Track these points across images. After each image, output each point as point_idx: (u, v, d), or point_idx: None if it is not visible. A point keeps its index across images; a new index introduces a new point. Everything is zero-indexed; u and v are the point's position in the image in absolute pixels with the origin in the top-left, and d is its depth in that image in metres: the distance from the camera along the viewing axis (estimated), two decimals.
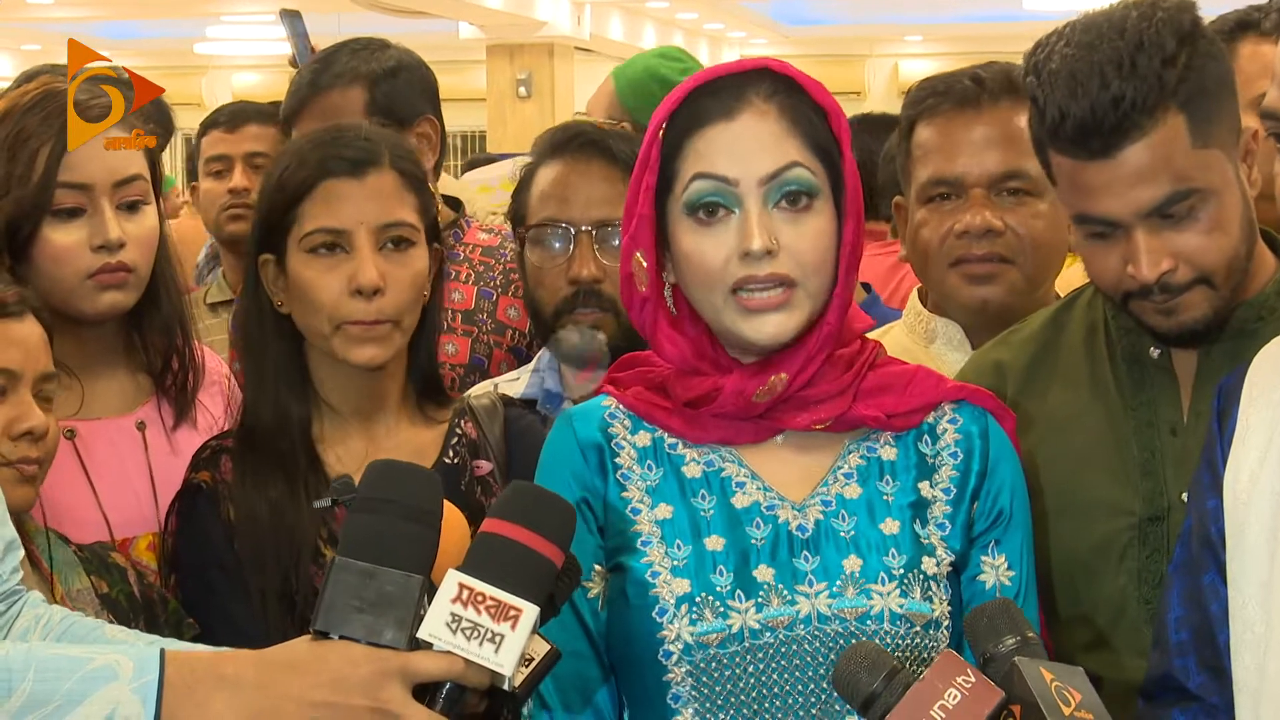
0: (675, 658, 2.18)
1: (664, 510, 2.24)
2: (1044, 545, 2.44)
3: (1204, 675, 2.16)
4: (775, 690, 2.17)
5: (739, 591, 2.19)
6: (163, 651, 1.91)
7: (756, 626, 2.17)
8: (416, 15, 16.20)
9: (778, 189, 2.18)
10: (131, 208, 2.77)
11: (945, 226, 2.89)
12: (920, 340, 3.01)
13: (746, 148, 2.18)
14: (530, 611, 1.93)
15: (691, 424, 2.26)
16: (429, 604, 1.93)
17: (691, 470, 2.26)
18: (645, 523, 2.23)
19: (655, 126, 2.25)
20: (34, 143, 2.69)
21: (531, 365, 3.15)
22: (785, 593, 2.19)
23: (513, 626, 1.92)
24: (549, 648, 2.04)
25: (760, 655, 2.17)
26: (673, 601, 2.19)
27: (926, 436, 2.28)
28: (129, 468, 2.76)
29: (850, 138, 2.24)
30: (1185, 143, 2.29)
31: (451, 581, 1.93)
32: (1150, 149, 2.28)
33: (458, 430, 2.74)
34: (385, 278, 2.61)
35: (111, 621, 2.31)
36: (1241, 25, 3.22)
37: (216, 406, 2.91)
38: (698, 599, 2.18)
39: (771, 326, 2.19)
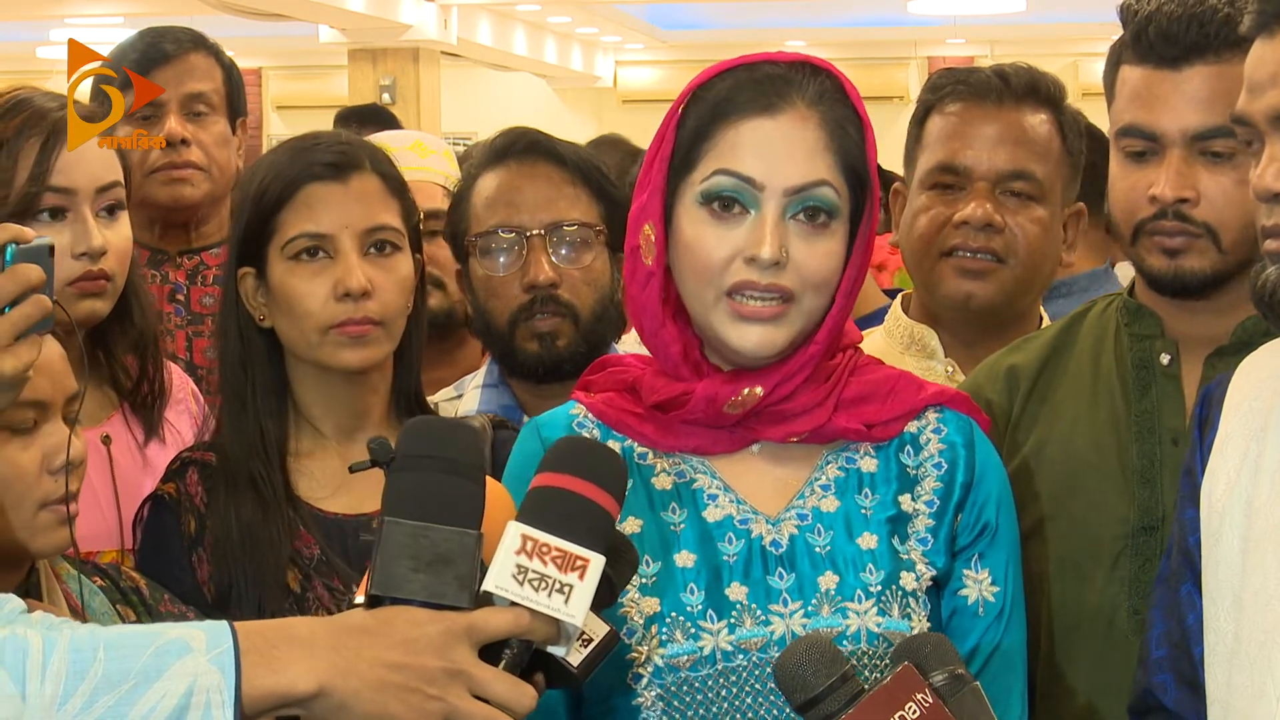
0: (645, 681, 2.14)
1: (632, 524, 2.19)
2: (1039, 549, 2.47)
3: (1181, 691, 2.16)
4: (749, 715, 2.13)
5: (710, 611, 2.15)
6: (230, 622, 1.88)
7: (729, 648, 2.14)
8: (274, 18, 15.90)
9: (799, 202, 2.14)
10: (110, 215, 2.79)
11: (945, 215, 2.92)
12: (897, 345, 3.04)
13: (780, 152, 2.14)
14: (597, 561, 1.90)
15: (663, 431, 2.22)
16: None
17: (661, 482, 2.21)
18: None
19: (681, 99, 2.20)
20: (12, 148, 2.72)
21: (475, 380, 3.09)
22: (759, 612, 2.15)
23: (580, 577, 1.89)
24: (608, 629, 1.97)
25: (733, 678, 2.13)
26: (641, 622, 2.15)
27: (909, 447, 2.24)
28: (94, 481, 2.72)
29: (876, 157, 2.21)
30: None
31: (514, 533, 1.90)
32: (1218, 78, 2.38)
33: None
34: (371, 282, 2.60)
35: None
36: None
37: (182, 423, 2.94)
38: (668, 619, 2.15)
39: (757, 336, 2.14)
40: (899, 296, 3.14)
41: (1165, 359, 2.52)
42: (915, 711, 1.90)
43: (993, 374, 2.66)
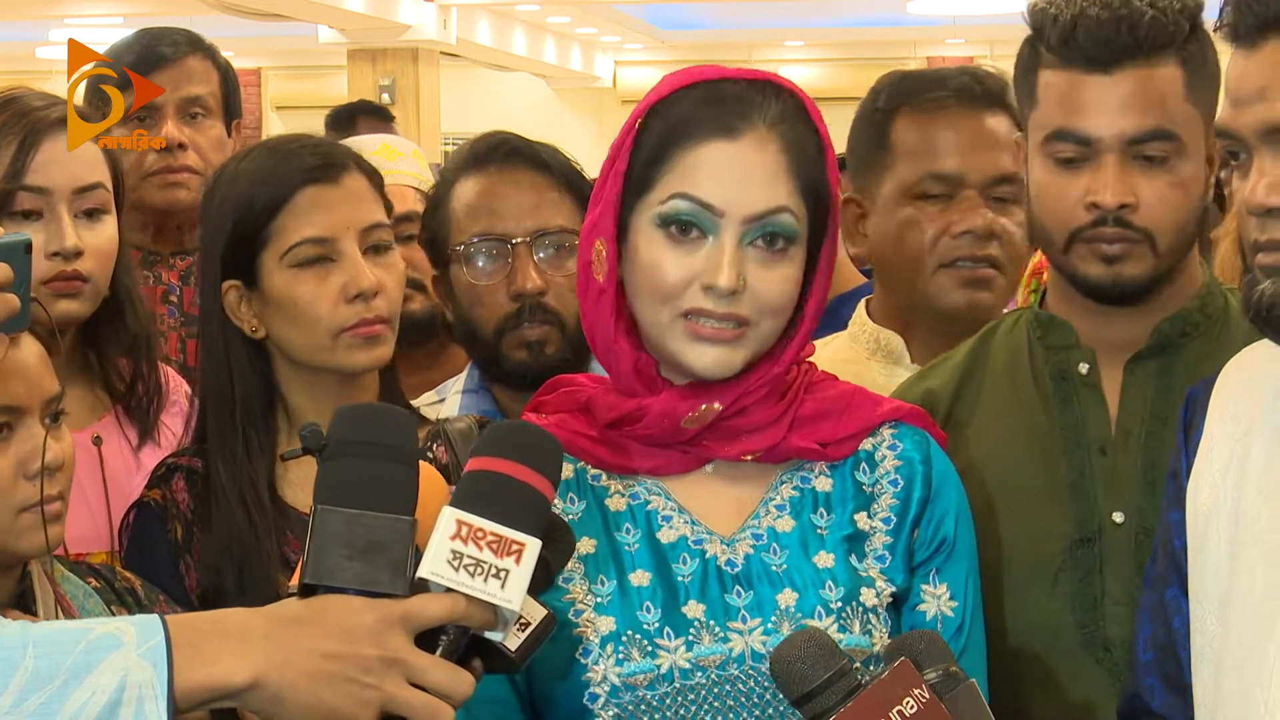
0: (601, 700, 2.11)
1: (586, 544, 2.16)
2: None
3: (1169, 694, 2.16)
4: None
5: (667, 629, 2.13)
6: (161, 615, 1.86)
7: (687, 666, 2.11)
8: (273, 18, 15.99)
9: (759, 229, 2.11)
10: (91, 216, 2.77)
11: (940, 225, 2.90)
12: (863, 351, 3.02)
13: (740, 177, 2.10)
14: (533, 545, 1.89)
15: (616, 452, 2.19)
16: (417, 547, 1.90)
17: (615, 503, 2.19)
18: None
19: (638, 114, 2.16)
20: None
21: (456, 386, 3.09)
22: (717, 629, 2.13)
23: (516, 561, 1.88)
24: (545, 613, 1.96)
25: (692, 696, 2.11)
26: (597, 640, 2.12)
27: (864, 464, 2.22)
28: (84, 483, 2.71)
29: (837, 176, 2.19)
30: (1181, 92, 2.39)
31: (449, 518, 1.88)
32: (1150, 79, 2.38)
33: (429, 455, 2.68)
34: (376, 280, 2.62)
35: None
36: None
37: (177, 425, 2.93)
38: (624, 637, 2.12)
39: (712, 358, 2.12)
40: (863, 301, 3.11)
41: (1084, 368, 2.49)
42: (912, 707, 1.90)
43: (909, 398, 2.58)
